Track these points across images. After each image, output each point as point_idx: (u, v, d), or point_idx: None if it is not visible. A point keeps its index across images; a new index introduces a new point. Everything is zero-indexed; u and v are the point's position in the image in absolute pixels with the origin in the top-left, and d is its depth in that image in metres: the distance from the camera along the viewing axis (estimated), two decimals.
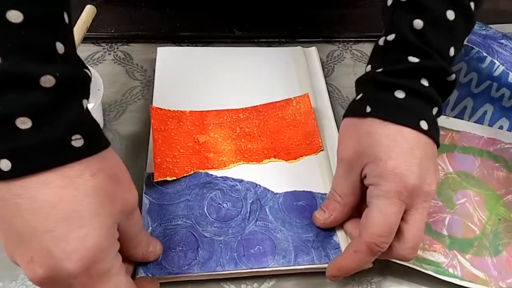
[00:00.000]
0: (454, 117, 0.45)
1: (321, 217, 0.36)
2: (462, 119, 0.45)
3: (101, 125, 0.44)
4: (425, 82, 0.32)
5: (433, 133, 0.32)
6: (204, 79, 0.47)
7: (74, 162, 0.24)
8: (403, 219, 0.31)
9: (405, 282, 0.37)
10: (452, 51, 0.33)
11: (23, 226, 0.23)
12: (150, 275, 0.32)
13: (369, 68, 0.36)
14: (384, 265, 0.37)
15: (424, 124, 0.32)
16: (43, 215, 0.23)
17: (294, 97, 0.45)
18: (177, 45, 0.53)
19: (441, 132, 0.43)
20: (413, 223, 0.31)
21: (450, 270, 0.36)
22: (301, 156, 0.41)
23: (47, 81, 0.23)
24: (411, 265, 0.35)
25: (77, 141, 0.24)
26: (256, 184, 0.38)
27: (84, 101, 0.26)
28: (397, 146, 0.31)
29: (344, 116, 0.36)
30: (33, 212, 0.23)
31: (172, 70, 0.47)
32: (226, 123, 0.43)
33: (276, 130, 0.43)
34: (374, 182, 0.31)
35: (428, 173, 0.31)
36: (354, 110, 0.35)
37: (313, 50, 0.52)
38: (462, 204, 0.40)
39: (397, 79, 0.32)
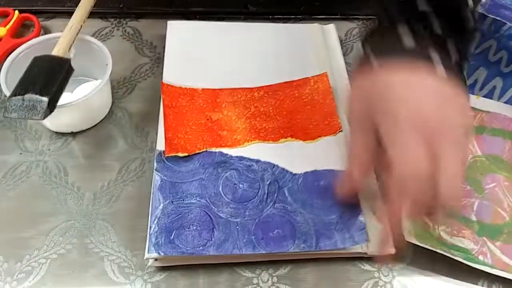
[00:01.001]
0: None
1: (340, 187, 0.33)
2: (491, 99, 0.42)
3: (110, 103, 0.42)
4: (438, 28, 0.29)
5: (454, 78, 0.28)
6: (216, 55, 0.45)
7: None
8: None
9: (426, 272, 0.35)
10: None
11: None
12: (162, 254, 0.31)
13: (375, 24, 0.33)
14: (406, 252, 0.35)
15: (440, 71, 0.28)
16: None
17: (312, 76, 0.43)
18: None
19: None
20: (445, 168, 0.26)
21: (480, 257, 0.34)
22: (319, 136, 0.39)
23: None
24: (439, 251, 0.33)
25: None
26: (274, 165, 0.36)
27: None
28: (410, 90, 0.28)
29: (352, 74, 0.33)
30: None
31: (183, 45, 0.45)
32: (240, 101, 0.41)
33: (292, 109, 0.41)
34: (387, 126, 0.28)
35: (451, 113, 0.27)
36: (361, 65, 0.32)
37: (331, 28, 0.49)
38: (492, 189, 0.37)
39: (406, 25, 0.30)
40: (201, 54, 0.44)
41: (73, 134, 0.41)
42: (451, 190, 0.27)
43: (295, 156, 0.37)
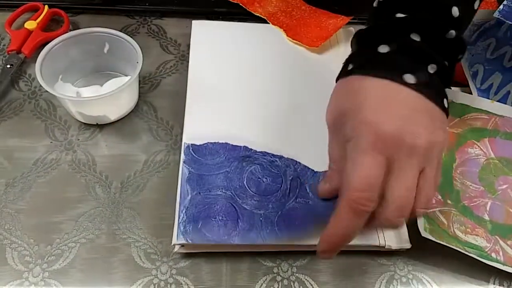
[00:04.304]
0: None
1: (320, 188, 0.35)
2: (505, 104, 0.43)
3: (137, 98, 0.44)
4: (416, 37, 0.30)
5: (425, 89, 0.29)
6: (240, 55, 0.46)
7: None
8: (386, 179, 0.27)
9: (440, 269, 0.36)
10: (455, 11, 0.31)
11: None
12: (190, 241, 0.32)
13: None
14: (421, 247, 0.36)
15: (409, 78, 0.28)
16: None
17: None
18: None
19: (485, 116, 0.42)
20: (396, 183, 0.27)
21: (493, 254, 0.35)
22: None
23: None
24: (454, 247, 0.34)
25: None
26: (296, 162, 0.38)
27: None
28: (372, 97, 0.28)
29: (336, 80, 0.33)
30: None
31: (207, 45, 0.46)
32: None
33: None
34: (349, 138, 0.28)
35: (414, 125, 0.28)
36: (341, 71, 0.32)
37: (351, 32, 0.50)
38: (504, 190, 0.39)
39: (381, 33, 0.31)
40: (225, 54, 0.46)
41: (100, 126, 0.42)
42: (399, 202, 0.28)
43: (317, 154, 0.38)
